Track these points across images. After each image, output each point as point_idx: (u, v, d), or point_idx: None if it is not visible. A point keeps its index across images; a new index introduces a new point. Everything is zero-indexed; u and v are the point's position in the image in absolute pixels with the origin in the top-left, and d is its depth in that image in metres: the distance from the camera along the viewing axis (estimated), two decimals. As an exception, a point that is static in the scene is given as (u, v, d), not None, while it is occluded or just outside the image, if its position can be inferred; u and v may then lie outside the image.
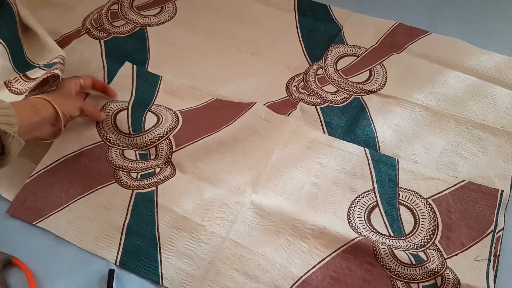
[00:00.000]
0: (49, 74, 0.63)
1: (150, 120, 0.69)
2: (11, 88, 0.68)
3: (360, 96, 0.74)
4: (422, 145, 0.69)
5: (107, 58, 0.78)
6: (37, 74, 0.69)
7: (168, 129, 0.68)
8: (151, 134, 0.68)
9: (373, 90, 0.75)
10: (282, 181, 0.65)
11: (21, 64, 0.72)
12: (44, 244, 0.60)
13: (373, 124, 0.71)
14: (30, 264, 0.58)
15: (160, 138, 0.68)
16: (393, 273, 0.58)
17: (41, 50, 0.75)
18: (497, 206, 0.62)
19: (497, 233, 0.61)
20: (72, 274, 0.58)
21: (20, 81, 0.69)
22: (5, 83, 0.68)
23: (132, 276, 0.58)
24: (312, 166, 0.67)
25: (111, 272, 0.57)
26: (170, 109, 0.72)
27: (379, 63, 0.78)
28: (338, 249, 0.59)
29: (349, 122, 0.71)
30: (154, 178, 0.65)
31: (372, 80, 0.76)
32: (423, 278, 0.57)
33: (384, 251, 0.58)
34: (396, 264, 0.58)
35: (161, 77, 0.76)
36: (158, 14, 0.85)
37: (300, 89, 0.75)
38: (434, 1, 0.88)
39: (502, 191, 0.63)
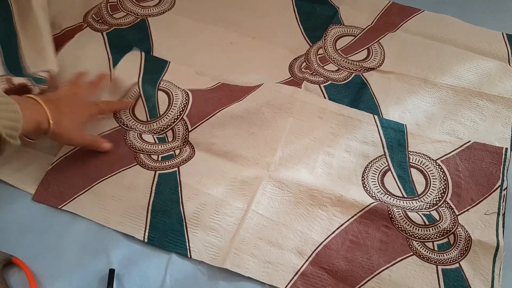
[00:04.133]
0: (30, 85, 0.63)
1: (162, 100, 0.70)
2: None
3: (360, 74, 0.77)
4: (423, 115, 0.72)
5: (111, 49, 0.79)
6: (21, 81, 0.66)
7: (181, 108, 0.70)
8: (167, 118, 0.69)
9: (372, 67, 0.77)
10: (297, 152, 0.67)
11: (14, 67, 0.68)
12: (44, 244, 0.60)
13: (376, 99, 0.74)
14: (30, 264, 0.58)
15: (175, 120, 0.69)
16: (408, 234, 0.60)
17: (37, 58, 0.72)
18: (502, 163, 0.65)
19: (504, 190, 0.64)
20: (72, 274, 0.57)
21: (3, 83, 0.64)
22: None
23: (132, 276, 0.57)
24: (325, 136, 0.69)
25: (111, 272, 0.57)
26: (179, 87, 0.73)
27: (376, 42, 0.81)
28: (355, 214, 0.62)
29: (352, 98, 0.74)
30: (175, 160, 0.66)
31: (370, 58, 0.79)
32: (437, 237, 0.60)
33: (398, 214, 0.61)
34: (411, 226, 0.60)
35: (169, 62, 0.77)
36: (158, 5, 0.86)
37: (303, 69, 0.77)
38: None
39: (507, 149, 0.67)
